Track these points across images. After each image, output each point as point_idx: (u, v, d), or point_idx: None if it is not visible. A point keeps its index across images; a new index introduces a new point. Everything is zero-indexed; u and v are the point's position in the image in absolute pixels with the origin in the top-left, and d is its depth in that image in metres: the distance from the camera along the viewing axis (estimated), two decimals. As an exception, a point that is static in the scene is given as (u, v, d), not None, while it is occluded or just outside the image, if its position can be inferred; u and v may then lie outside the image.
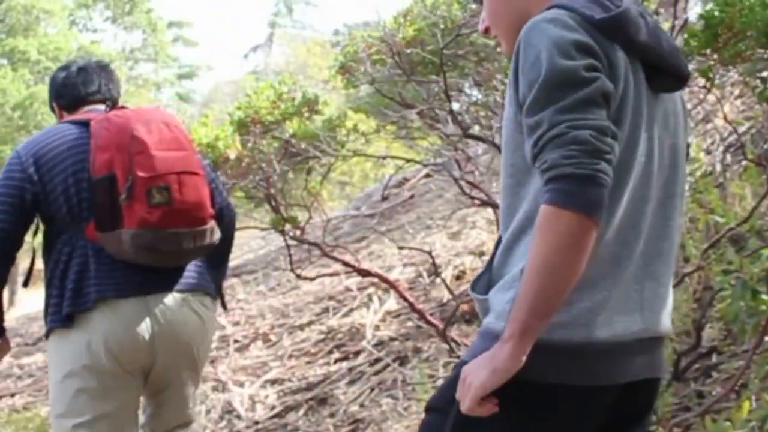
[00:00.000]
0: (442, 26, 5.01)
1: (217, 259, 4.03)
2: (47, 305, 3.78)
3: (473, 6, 5.41)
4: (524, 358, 2.01)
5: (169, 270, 3.76)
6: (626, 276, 2.18)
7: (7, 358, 12.49)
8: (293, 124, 5.58)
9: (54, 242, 3.76)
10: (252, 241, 15.66)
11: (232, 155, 5.58)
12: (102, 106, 3.92)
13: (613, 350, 2.15)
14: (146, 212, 3.54)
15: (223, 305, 4.23)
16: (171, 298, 3.74)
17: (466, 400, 2.08)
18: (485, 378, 2.04)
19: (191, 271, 3.84)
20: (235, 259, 14.58)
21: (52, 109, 4.16)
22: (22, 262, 4.45)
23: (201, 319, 3.83)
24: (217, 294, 4.06)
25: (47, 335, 3.82)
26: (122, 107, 3.93)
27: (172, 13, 49.06)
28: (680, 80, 2.32)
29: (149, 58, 45.23)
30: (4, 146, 28.59)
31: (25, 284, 4.15)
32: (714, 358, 4.74)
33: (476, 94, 6.92)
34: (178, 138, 3.74)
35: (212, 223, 3.78)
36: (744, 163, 6.20)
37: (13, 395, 10.10)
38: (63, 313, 3.67)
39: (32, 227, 3.81)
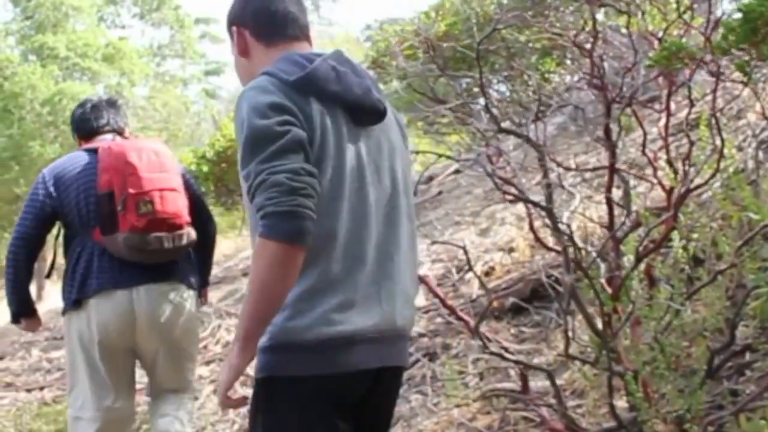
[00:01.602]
0: (474, 21, 4.99)
1: (200, 260, 5.22)
2: (64, 291, 5.00)
3: (505, 1, 5.40)
4: (249, 355, 2.57)
5: (155, 266, 4.86)
6: (362, 279, 2.68)
7: (35, 352, 12.60)
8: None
9: (70, 243, 5.00)
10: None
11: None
12: (110, 135, 5.12)
13: (352, 343, 2.65)
14: (135, 220, 4.71)
15: (204, 298, 5.40)
16: (152, 289, 4.87)
17: (219, 396, 2.65)
18: (226, 376, 2.59)
19: (172, 267, 4.95)
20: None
21: (75, 137, 5.33)
22: (49, 257, 5.28)
23: (174, 306, 4.94)
24: (200, 287, 5.21)
25: (63, 314, 5.03)
26: (125, 137, 5.18)
27: (199, 10, 49.19)
28: (378, 115, 2.83)
29: (176, 54, 45.30)
30: (33, 142, 28.75)
31: (48, 276, 5.50)
32: (748, 356, 4.69)
33: (504, 89, 6.91)
34: (163, 163, 4.88)
35: (188, 228, 4.92)
36: (777, 159, 6.16)
37: (42, 388, 10.17)
38: (72, 299, 4.89)
39: (54, 231, 5.12)
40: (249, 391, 2.75)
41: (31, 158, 28.94)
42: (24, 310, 5.10)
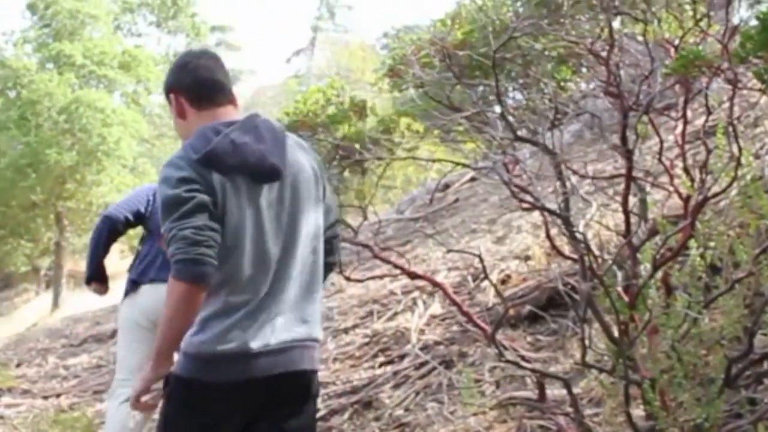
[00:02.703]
0: (490, 29, 4.99)
1: None
2: (129, 276, 6.17)
3: (521, 9, 5.39)
4: (162, 370, 3.32)
5: None
6: (257, 307, 3.36)
7: (52, 359, 12.63)
8: (343, 127, 5.58)
9: (145, 243, 6.17)
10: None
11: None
12: None
13: (241, 357, 3.32)
14: None
15: None
16: None
17: (131, 400, 3.42)
18: (138, 384, 3.38)
19: None
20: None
21: None
22: (66, 265, 5.97)
23: None
24: None
25: (124, 296, 6.18)
26: None
27: (215, 18, 49.33)
28: (275, 174, 3.45)
29: (193, 62, 45.48)
30: (49, 149, 28.86)
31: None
32: (766, 365, 4.67)
33: (519, 97, 6.90)
34: None
35: None
36: (794, 167, 6.13)
37: (58, 395, 10.20)
38: (131, 278, 6.09)
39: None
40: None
41: (48, 166, 29.05)
42: (96, 276, 6.22)
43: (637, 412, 4.67)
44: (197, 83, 3.59)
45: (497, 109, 5.01)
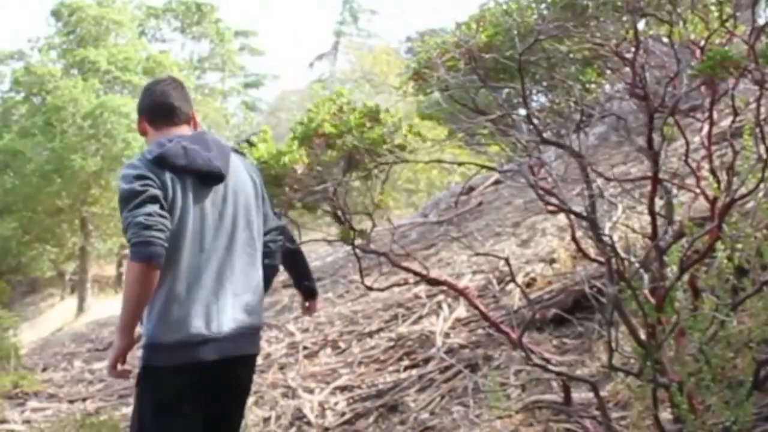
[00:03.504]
0: (515, 32, 4.97)
1: None
2: None
3: (546, 12, 5.37)
4: (127, 340, 3.83)
5: None
6: (200, 296, 3.89)
7: (78, 363, 12.70)
8: (356, 134, 5.58)
9: None
10: (319, 248, 15.71)
11: (300, 169, 5.60)
12: None
13: (194, 342, 3.87)
14: None
15: None
16: None
17: (107, 368, 3.94)
18: (112, 354, 3.88)
19: None
20: (303, 266, 14.62)
21: None
22: (91, 270, 6.08)
23: None
24: None
25: None
26: None
27: (239, 23, 49.46)
28: (219, 177, 4.02)
29: (216, 67, 45.66)
30: (74, 155, 29.00)
31: None
32: (794, 368, 4.65)
33: (544, 100, 6.87)
34: None
35: None
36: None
37: (84, 400, 10.25)
38: None
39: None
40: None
41: (73, 171, 29.20)
42: None
43: (665, 415, 4.65)
44: (153, 106, 4.25)
45: (522, 111, 4.99)
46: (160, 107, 4.23)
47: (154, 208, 3.75)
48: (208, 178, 4.01)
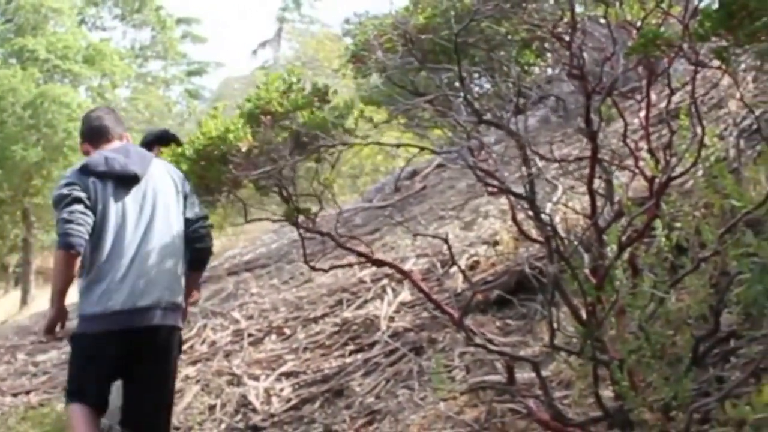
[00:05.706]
0: (452, 13, 4.97)
1: None
2: None
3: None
4: (58, 310, 5.13)
5: None
6: (119, 277, 5.04)
7: (21, 356, 12.53)
8: (304, 114, 5.53)
9: None
10: (264, 235, 15.65)
11: (244, 147, 5.54)
12: None
13: (111, 314, 5.01)
14: None
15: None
16: None
17: (43, 332, 5.44)
18: (45, 321, 5.25)
19: None
20: (248, 253, 14.57)
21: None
22: (34, 262, 7.10)
23: None
24: None
25: None
26: None
27: (180, 10, 49.06)
28: (135, 179, 5.21)
29: (158, 55, 45.22)
30: (15, 146, 28.62)
31: None
32: (732, 343, 4.69)
33: (484, 83, 6.89)
34: None
35: None
36: (758, 147, 6.16)
37: (28, 392, 10.13)
38: None
39: None
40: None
41: (14, 162, 28.83)
42: None
43: (606, 392, 4.68)
44: (90, 129, 5.55)
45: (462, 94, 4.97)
46: (96, 129, 5.49)
47: (77, 207, 4.97)
48: (125, 180, 5.18)
